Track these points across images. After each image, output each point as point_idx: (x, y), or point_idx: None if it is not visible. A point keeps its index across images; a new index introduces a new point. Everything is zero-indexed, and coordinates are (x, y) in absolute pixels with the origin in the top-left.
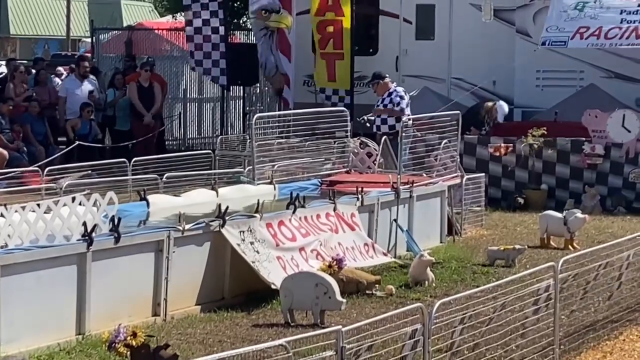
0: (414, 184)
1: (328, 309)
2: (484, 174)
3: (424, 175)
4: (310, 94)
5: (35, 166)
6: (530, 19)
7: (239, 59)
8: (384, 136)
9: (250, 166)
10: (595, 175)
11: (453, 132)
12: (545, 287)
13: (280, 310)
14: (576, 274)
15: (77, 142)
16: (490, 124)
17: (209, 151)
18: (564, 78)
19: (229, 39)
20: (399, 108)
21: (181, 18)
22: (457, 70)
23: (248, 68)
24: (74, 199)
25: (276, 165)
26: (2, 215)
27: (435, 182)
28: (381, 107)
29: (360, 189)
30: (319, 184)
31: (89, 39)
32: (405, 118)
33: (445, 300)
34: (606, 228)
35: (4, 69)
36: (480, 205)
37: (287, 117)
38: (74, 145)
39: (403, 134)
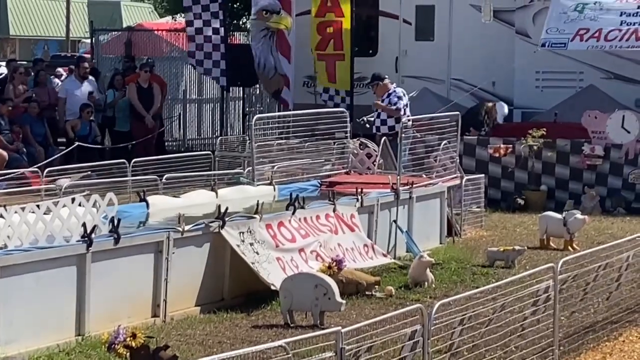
0: (414, 185)
1: (328, 310)
2: (483, 175)
3: (424, 176)
4: (309, 95)
5: (34, 167)
6: (529, 19)
7: (238, 59)
8: (384, 137)
9: (250, 167)
10: (595, 176)
11: (453, 133)
12: (544, 288)
13: (279, 311)
14: (576, 275)
15: (77, 143)
16: (490, 124)
17: (209, 152)
18: (563, 79)
19: (229, 40)
20: (395, 107)
21: (181, 19)
22: (457, 71)
23: (248, 69)
24: (73, 200)
25: (276, 166)
26: (2, 216)
27: (434, 183)
28: (379, 102)
29: (359, 190)
30: (319, 185)
31: (89, 40)
32: (404, 119)
33: (444, 301)
34: (606, 229)
35: (3, 70)
36: (479, 206)
37: (287, 118)
38: (73, 146)
39: (402, 135)
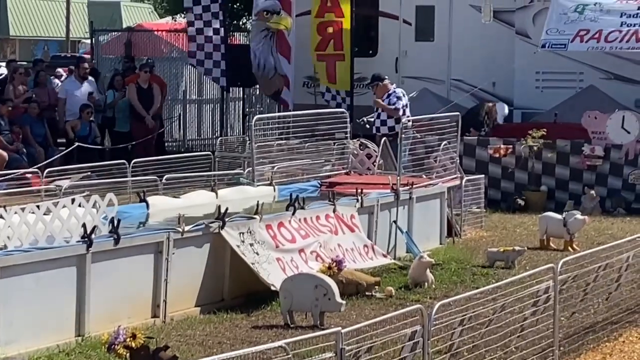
0: (414, 186)
1: (328, 310)
2: (483, 176)
3: (424, 176)
4: (309, 96)
5: (34, 168)
6: (529, 20)
7: (238, 60)
8: (384, 137)
9: (250, 167)
10: (595, 177)
11: (453, 134)
12: (544, 289)
13: (279, 311)
14: (576, 275)
15: (77, 144)
16: (490, 125)
17: (209, 153)
18: (563, 79)
19: (229, 41)
20: (393, 107)
21: (181, 20)
22: (457, 72)
23: (248, 69)
24: (73, 201)
25: (276, 167)
26: (2, 217)
27: (434, 184)
28: (379, 100)
29: (359, 191)
30: (319, 186)
31: (89, 41)
32: (404, 119)
33: (444, 302)
34: (606, 229)
35: (3, 70)
36: (479, 207)
37: (287, 119)
38: (73, 146)
39: (402, 136)
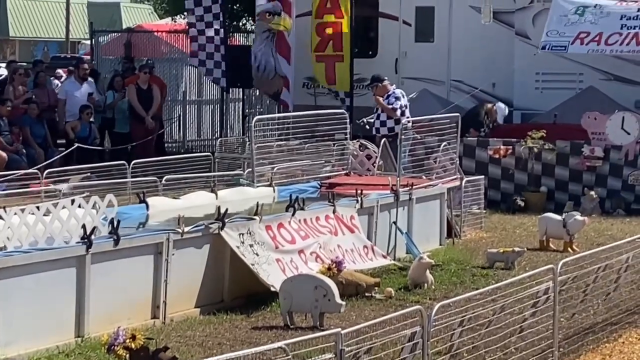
0: (414, 187)
1: (327, 311)
2: (483, 177)
3: (424, 177)
4: (309, 96)
5: (34, 168)
6: (529, 21)
7: (238, 61)
8: (384, 138)
9: (250, 168)
10: (595, 178)
11: (452, 135)
12: (544, 290)
13: (279, 312)
14: (575, 276)
15: (77, 145)
16: (490, 125)
17: (209, 153)
18: (563, 80)
19: (229, 42)
20: (391, 107)
21: (180, 20)
22: (457, 73)
23: (247, 70)
24: (73, 202)
25: (275, 168)
26: (2, 218)
27: (434, 185)
28: (380, 99)
29: (359, 192)
30: (319, 187)
31: (89, 41)
32: (404, 120)
33: (444, 303)
34: (605, 230)
35: (3, 71)
36: (479, 208)
37: (287, 120)
38: (73, 147)
39: (402, 137)
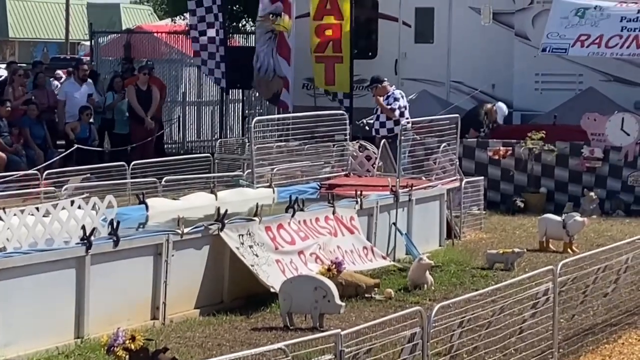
0: (413, 188)
1: (327, 312)
2: (483, 177)
3: (423, 178)
4: (309, 97)
5: (34, 170)
6: (529, 22)
7: (238, 62)
8: (383, 139)
9: (250, 169)
10: (594, 179)
11: (452, 136)
12: (544, 291)
13: (279, 313)
14: (575, 277)
15: (76, 146)
16: (490, 125)
17: (208, 154)
18: (563, 81)
19: (228, 43)
20: (390, 107)
21: (180, 22)
22: (456, 74)
23: (247, 71)
24: (72, 203)
25: (275, 169)
26: (1, 219)
27: (434, 186)
28: (380, 99)
29: (359, 193)
30: (318, 188)
31: (88, 42)
32: (403, 121)
33: (444, 304)
34: (605, 231)
35: (3, 72)
36: (479, 209)
37: (286, 121)
38: (72, 148)
39: (402, 137)
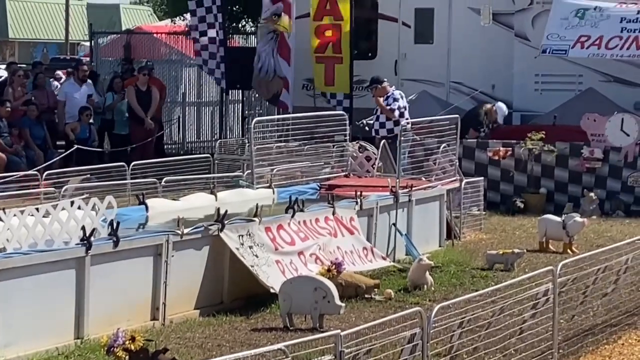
0: (413, 188)
1: (327, 313)
2: (482, 178)
3: (423, 179)
4: (309, 98)
5: (34, 170)
6: (529, 22)
7: (238, 62)
8: (383, 140)
9: (249, 170)
10: (594, 179)
11: (452, 136)
12: (544, 291)
13: (279, 314)
14: (575, 278)
15: (76, 146)
16: (490, 125)
17: (208, 155)
18: (562, 82)
19: (228, 43)
20: (389, 108)
21: (180, 22)
22: (456, 74)
23: (247, 72)
24: (72, 203)
25: (275, 169)
26: (1, 220)
27: (434, 186)
28: (380, 99)
29: (359, 193)
30: (318, 188)
31: (88, 43)
32: (403, 122)
33: (444, 305)
34: (605, 232)
35: (2, 73)
36: (479, 209)
37: (286, 121)
38: (72, 149)
39: (402, 138)
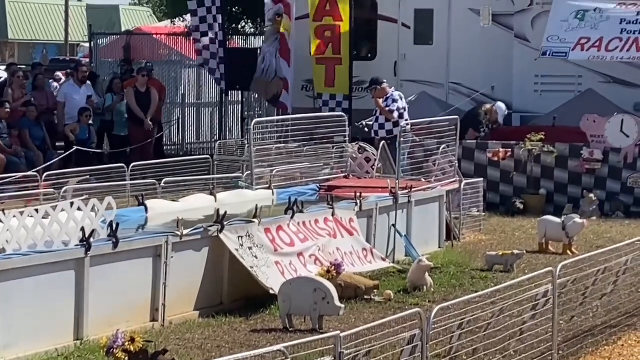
0: (413, 189)
1: (326, 314)
2: (482, 179)
3: (423, 180)
4: (308, 99)
5: (33, 171)
6: (528, 23)
7: (237, 63)
8: (383, 141)
9: (249, 171)
10: (594, 180)
11: (451, 137)
12: (543, 292)
13: (278, 315)
14: (575, 279)
15: (75, 147)
16: (490, 126)
17: (207, 156)
18: (562, 83)
19: (228, 44)
20: (388, 109)
21: (180, 23)
22: (456, 75)
23: (246, 73)
24: (72, 204)
25: (274, 170)
26: (0, 221)
27: (433, 187)
28: (379, 100)
29: (358, 194)
30: (318, 189)
31: (87, 44)
32: (403, 123)
33: (443, 306)
34: (604, 233)
35: (2, 74)
36: (478, 210)
37: (286, 122)
38: (72, 150)
39: (401, 139)
